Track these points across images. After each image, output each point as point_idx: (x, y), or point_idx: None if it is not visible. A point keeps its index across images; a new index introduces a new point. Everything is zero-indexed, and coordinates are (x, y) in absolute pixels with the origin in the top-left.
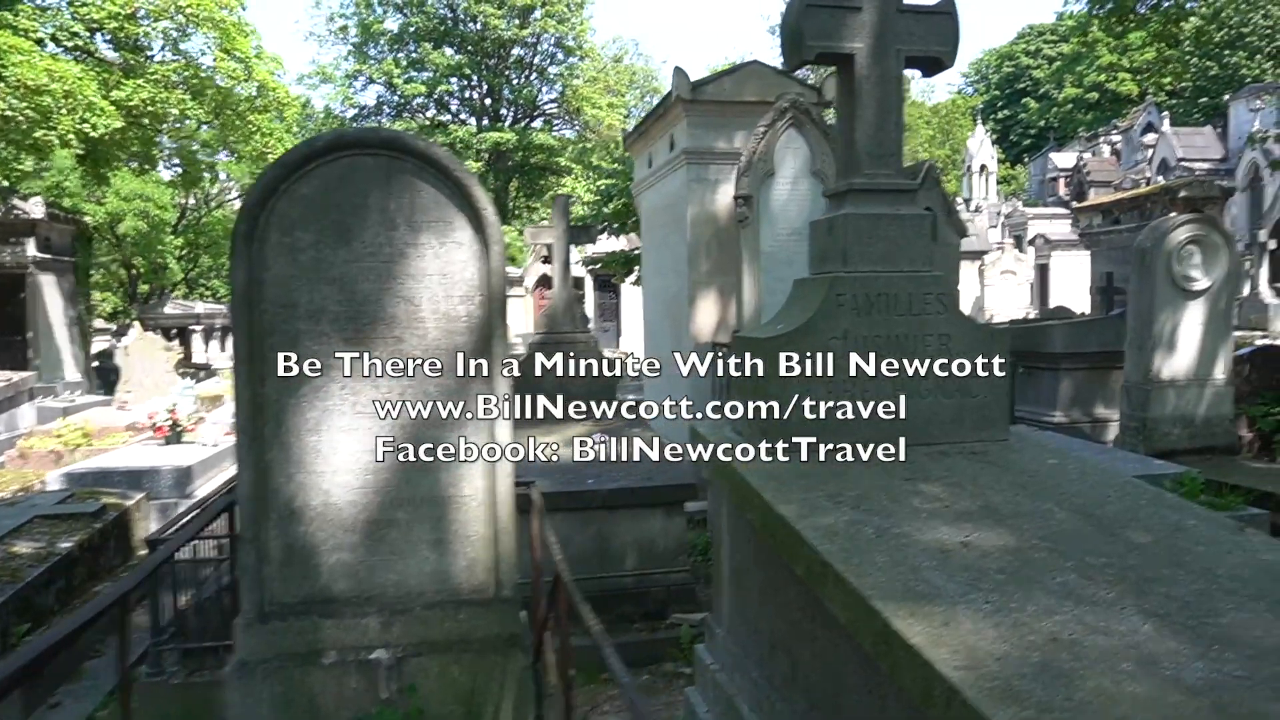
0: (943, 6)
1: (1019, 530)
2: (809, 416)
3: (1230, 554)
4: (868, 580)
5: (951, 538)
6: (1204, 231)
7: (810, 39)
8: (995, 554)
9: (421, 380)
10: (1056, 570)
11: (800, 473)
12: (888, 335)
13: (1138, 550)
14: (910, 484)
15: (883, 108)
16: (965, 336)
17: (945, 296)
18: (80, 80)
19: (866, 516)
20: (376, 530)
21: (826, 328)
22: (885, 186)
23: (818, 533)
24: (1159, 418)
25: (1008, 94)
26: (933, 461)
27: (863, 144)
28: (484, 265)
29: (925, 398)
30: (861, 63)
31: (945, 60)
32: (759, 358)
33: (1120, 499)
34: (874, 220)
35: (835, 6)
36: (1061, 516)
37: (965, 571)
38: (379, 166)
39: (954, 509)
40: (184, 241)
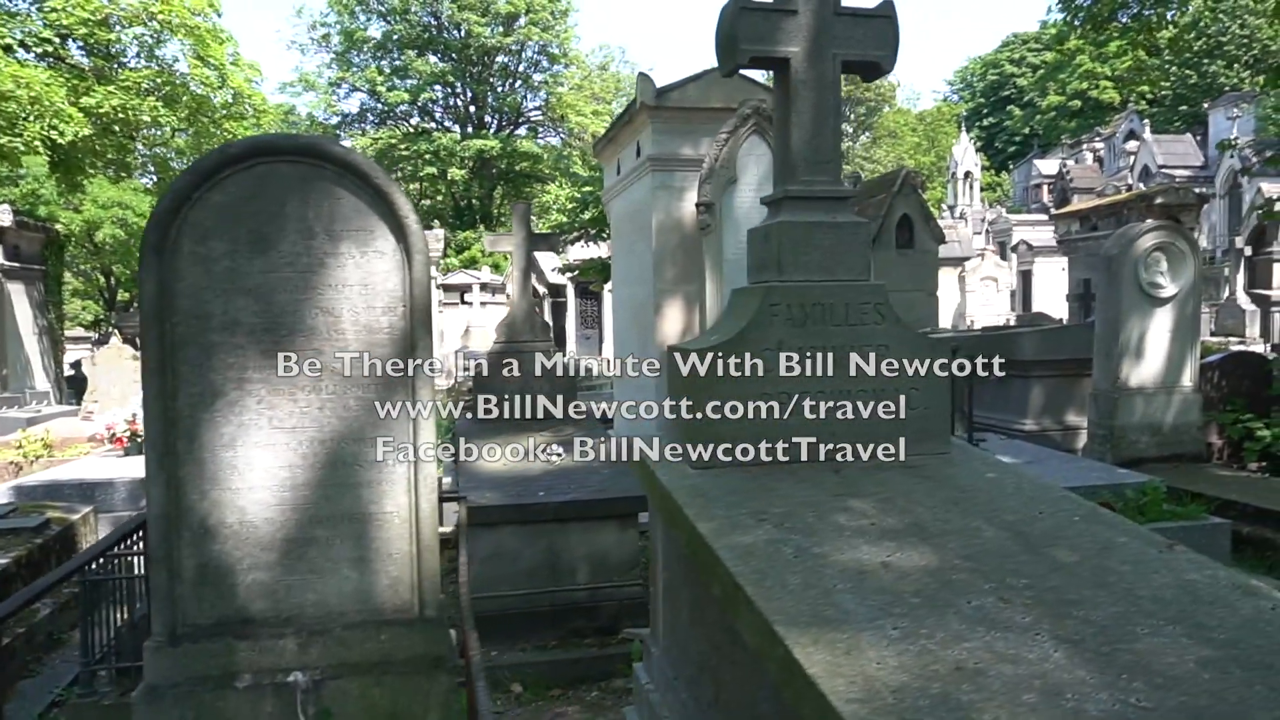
0: (882, 10)
1: (943, 549)
2: (741, 429)
3: (1156, 573)
4: (776, 604)
5: (872, 558)
6: (1170, 239)
7: (744, 42)
8: (914, 575)
9: (342, 394)
10: (975, 593)
11: (728, 488)
12: (824, 346)
13: (1062, 570)
14: (840, 500)
15: (819, 113)
16: (904, 347)
17: (883, 306)
18: (48, 87)
19: (788, 535)
20: (295, 548)
21: (759, 338)
22: (822, 194)
23: (734, 552)
24: (1127, 425)
25: (992, 101)
26: (865, 476)
27: (799, 150)
28: (406, 275)
29: (862, 410)
30: (797, 67)
31: (884, 65)
32: (692, 369)
33: (1052, 515)
34: (809, 228)
35: (770, 10)
36: (990, 534)
37: (880, 594)
38: (297, 174)
39: (880, 527)
40: None
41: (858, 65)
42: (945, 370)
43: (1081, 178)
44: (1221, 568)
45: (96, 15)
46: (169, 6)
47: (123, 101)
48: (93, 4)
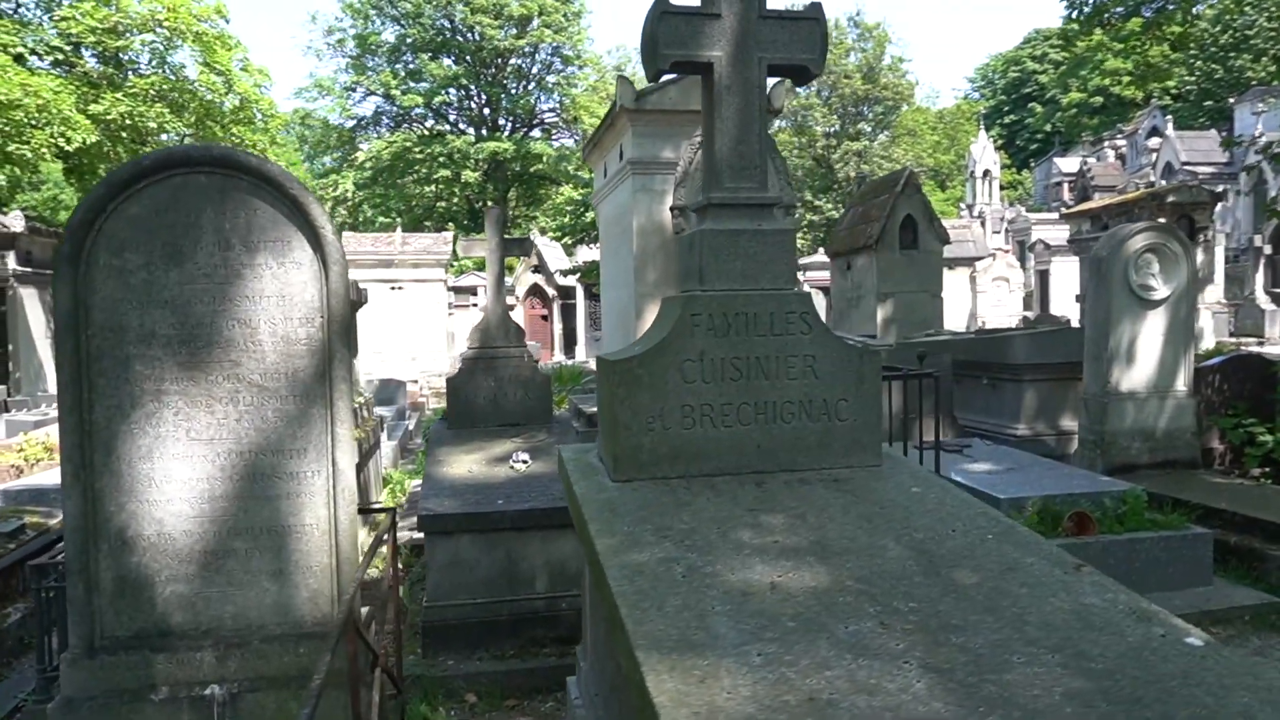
0: (809, 12)
1: (841, 569)
2: (662, 441)
3: (1054, 597)
4: (646, 628)
5: (763, 578)
6: (1162, 240)
7: (665, 47)
8: (800, 597)
9: (259, 405)
10: (857, 617)
11: (641, 502)
12: (748, 357)
13: (956, 593)
14: (752, 515)
15: (744, 118)
16: (833, 357)
17: (810, 315)
18: (57, 95)
19: (684, 553)
20: (214, 561)
21: (680, 349)
22: (746, 200)
23: (623, 571)
24: (1117, 431)
25: (1014, 99)
26: (787, 490)
27: (723, 156)
28: (323, 286)
29: (789, 422)
30: (721, 71)
31: (812, 68)
32: (617, 380)
33: (966, 533)
34: (733, 236)
35: (692, 13)
36: (894, 554)
37: (757, 618)
38: (213, 185)
39: (783, 544)
40: None
41: (784, 69)
42: (876, 380)
43: (1103, 176)
44: (1124, 591)
45: (104, 23)
46: (175, 14)
47: (130, 108)
48: (101, 12)
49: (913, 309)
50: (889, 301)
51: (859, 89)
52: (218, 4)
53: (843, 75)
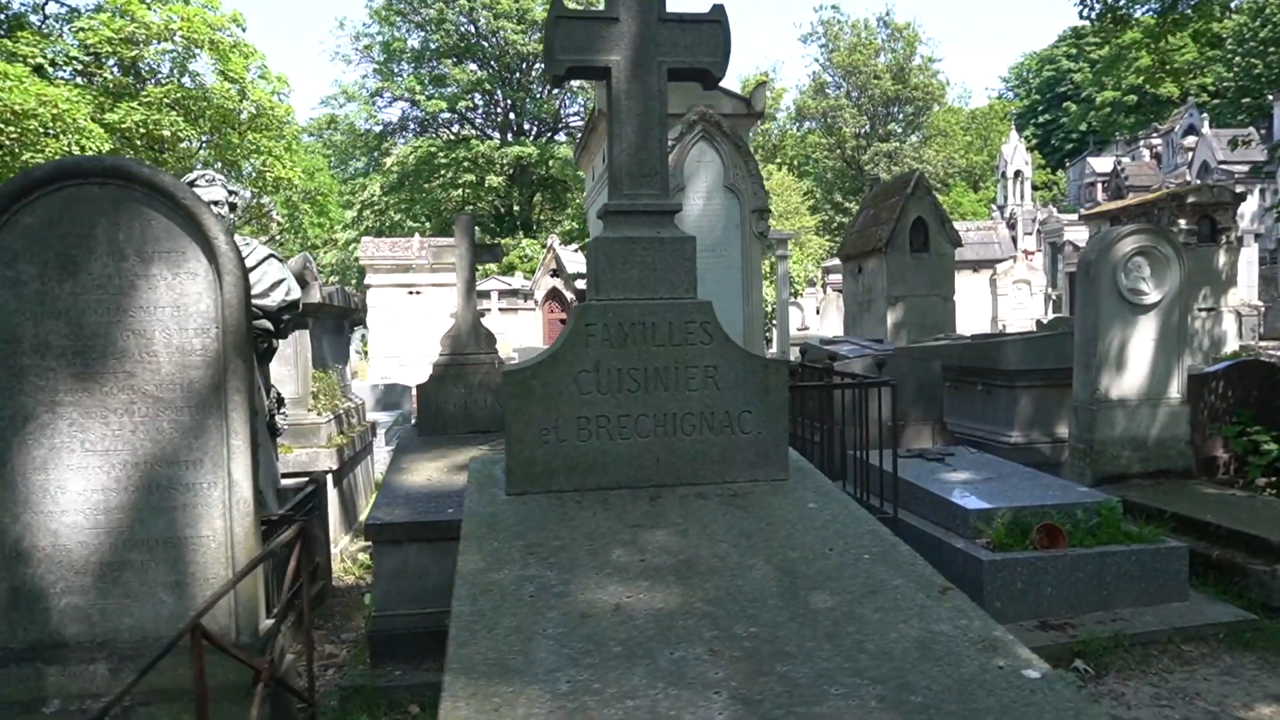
0: (711, 15)
1: (696, 590)
2: (557, 454)
3: (905, 623)
4: (468, 650)
5: (613, 599)
6: (1153, 243)
7: (561, 53)
8: (641, 619)
9: (155, 417)
10: (689, 642)
11: (525, 516)
12: (646, 367)
13: (804, 617)
14: (633, 531)
15: (644, 124)
16: (735, 368)
17: (710, 325)
18: (74, 104)
19: (544, 571)
20: (110, 572)
21: (575, 359)
22: (645, 208)
23: (472, 590)
24: (1107, 440)
25: (1049, 98)
26: (680, 505)
27: (622, 162)
28: (219, 296)
29: (690, 434)
30: (620, 76)
31: (715, 72)
32: (510, 391)
33: (844, 552)
34: (629, 244)
35: (590, 18)
36: (760, 574)
37: (585, 642)
38: (106, 196)
39: (650, 563)
40: None
41: (686, 73)
42: (783, 392)
43: (1137, 175)
44: (981, 619)
45: (120, 34)
46: (189, 24)
47: (145, 117)
48: (116, 23)
49: (924, 313)
50: (899, 305)
51: (889, 90)
52: (234, 13)
53: (872, 76)
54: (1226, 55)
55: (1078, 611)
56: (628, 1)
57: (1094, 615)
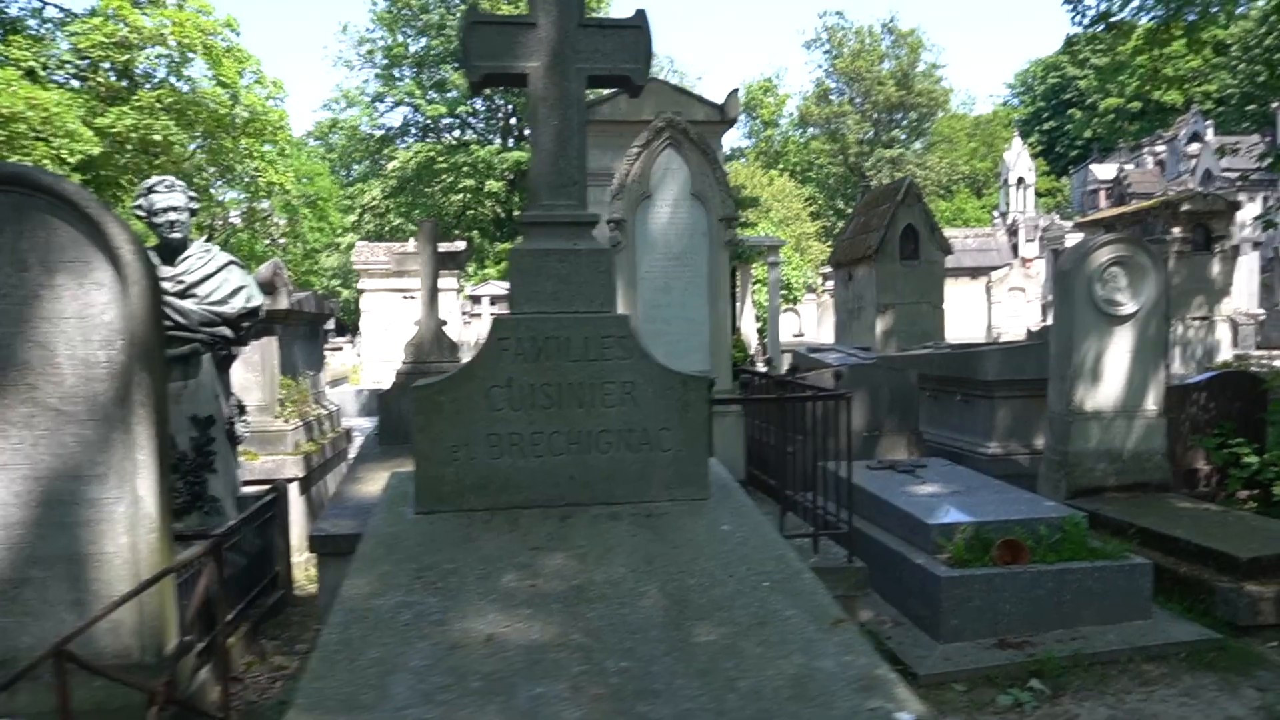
0: (632, 20)
1: (579, 619)
2: (467, 472)
3: (786, 658)
4: (321, 684)
5: (490, 628)
6: (1130, 253)
7: (476, 59)
8: (512, 651)
9: (57, 430)
10: (555, 677)
11: (426, 537)
12: (560, 383)
13: (682, 651)
14: (532, 555)
15: (562, 132)
16: (653, 384)
17: (628, 340)
18: (66, 108)
19: (427, 597)
20: (9, 589)
21: (487, 374)
22: (562, 219)
23: (346, 617)
24: (1082, 452)
25: (1053, 105)
26: (589, 526)
27: (540, 172)
28: (125, 308)
29: (606, 452)
30: (537, 83)
31: (635, 78)
32: (418, 408)
33: (744, 579)
34: (543, 256)
35: (507, 23)
36: (650, 602)
37: (446, 675)
38: (9, 203)
39: (540, 589)
40: None
41: (606, 79)
42: (704, 409)
43: (1140, 182)
44: (866, 655)
45: (112, 38)
46: (181, 29)
47: (136, 121)
48: (108, 27)
49: (913, 320)
50: (888, 313)
51: (892, 96)
52: (228, 17)
53: (875, 82)
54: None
55: (1038, 629)
56: (546, 6)
57: (1055, 633)
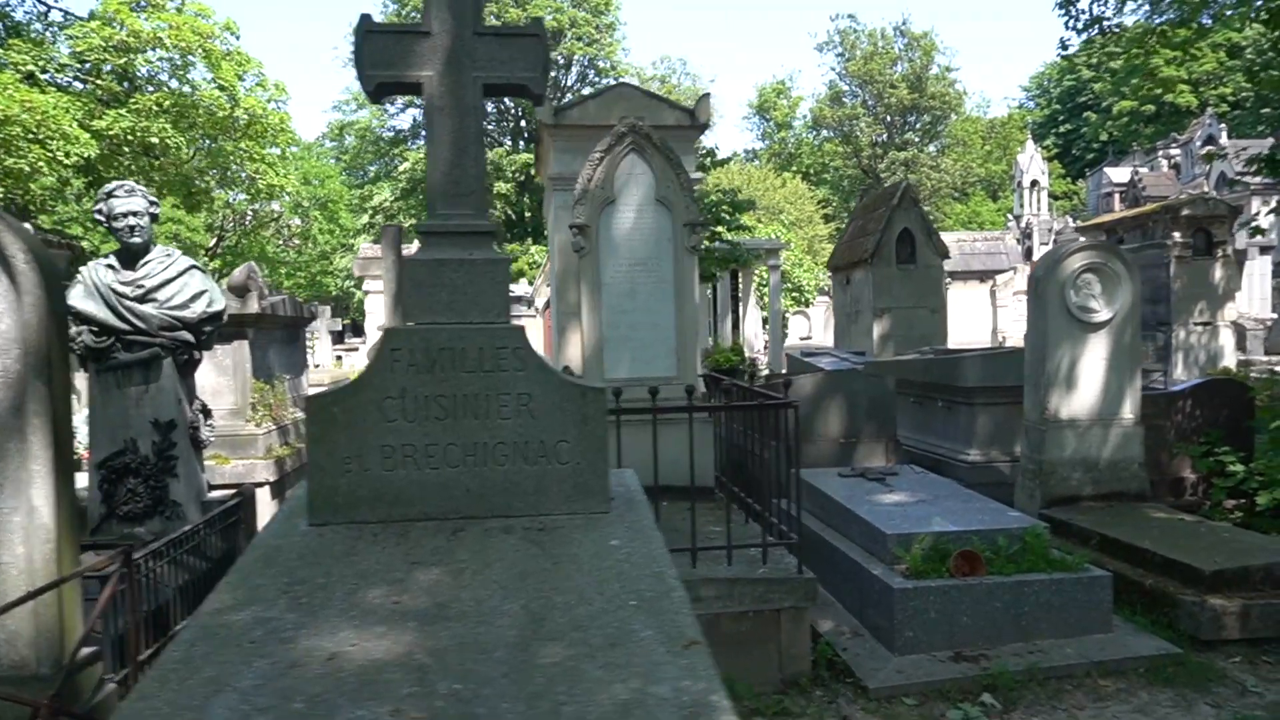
0: (529, 29)
1: (430, 638)
2: (360, 484)
3: (624, 682)
4: (143, 705)
5: (335, 646)
6: (1103, 259)
7: (371, 68)
8: (347, 672)
9: None
10: (381, 699)
11: (308, 550)
12: (455, 395)
13: (521, 674)
14: (409, 569)
15: (459, 141)
16: (551, 396)
17: (524, 351)
18: (64, 111)
19: (286, 614)
20: None
21: (380, 385)
22: (458, 228)
23: (197, 633)
24: (1057, 461)
25: (1069, 107)
26: (477, 541)
27: (436, 182)
28: (19, 317)
29: (503, 465)
30: (433, 92)
31: (532, 87)
32: (312, 418)
33: (613, 598)
34: (437, 266)
35: (401, 31)
36: (507, 621)
37: (271, 697)
38: None
39: (403, 606)
40: (220, 264)
41: (502, 88)
42: (602, 420)
43: (1155, 186)
44: (706, 680)
45: (110, 41)
46: (178, 32)
47: (133, 124)
48: (106, 30)
49: (910, 325)
50: (885, 317)
51: (905, 99)
52: (227, 20)
53: (888, 85)
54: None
55: (995, 642)
56: (441, 15)
57: (1012, 646)
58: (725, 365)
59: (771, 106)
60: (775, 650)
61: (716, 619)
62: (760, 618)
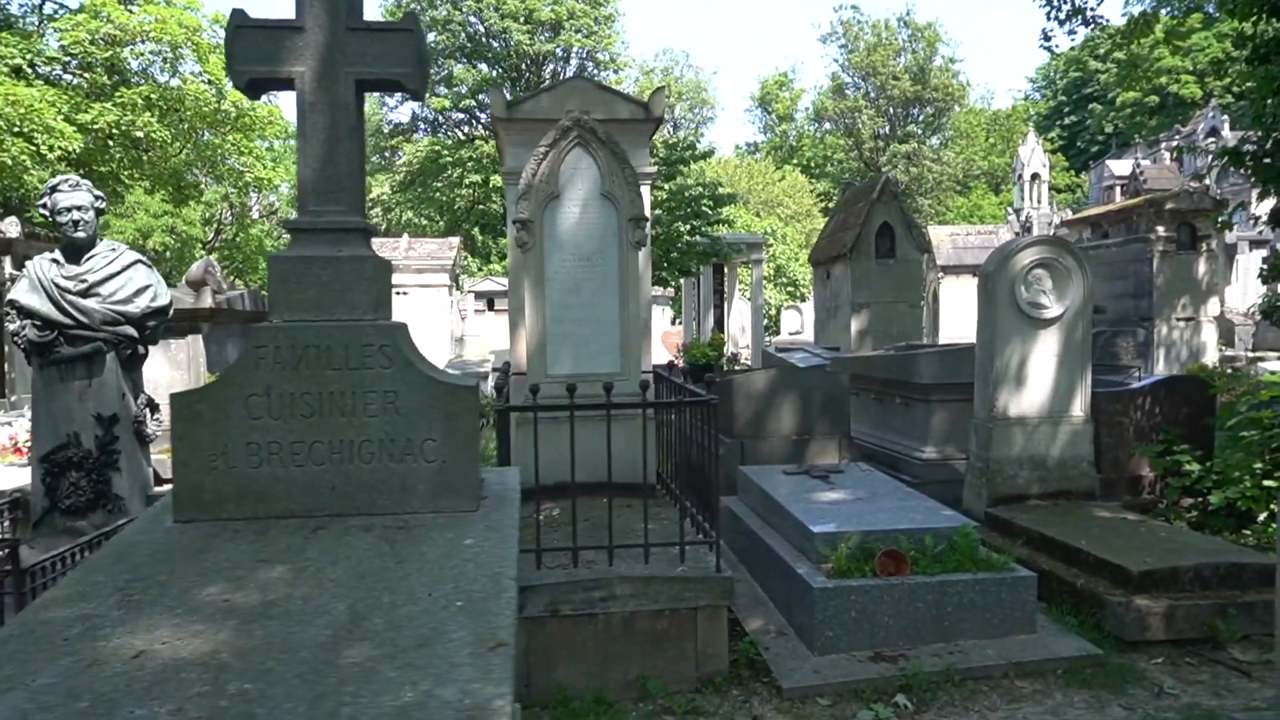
0: (403, 24)
1: (244, 636)
2: (226, 481)
3: (411, 686)
4: None
5: (145, 645)
6: (1054, 255)
7: (242, 63)
8: (147, 670)
9: None
10: (168, 698)
11: (164, 547)
12: (321, 392)
13: (317, 674)
14: (255, 567)
15: (331, 137)
16: (417, 394)
17: (391, 348)
18: (50, 105)
19: (112, 611)
20: None
21: (246, 382)
22: (329, 225)
23: (15, 628)
24: (1004, 459)
25: (1075, 99)
26: (334, 539)
27: (308, 178)
28: None
29: (369, 462)
30: (305, 88)
31: (406, 83)
32: (177, 415)
33: (440, 598)
34: (304, 263)
35: (273, 27)
36: (327, 620)
37: (59, 695)
38: None
39: (233, 603)
40: (218, 258)
41: (376, 84)
42: (471, 418)
43: (1156, 178)
44: (494, 684)
45: (95, 34)
46: (163, 25)
47: (118, 118)
48: (91, 24)
49: (889, 320)
50: (863, 312)
51: (908, 91)
52: (215, 14)
53: (890, 77)
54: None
55: (917, 643)
56: (315, 10)
57: (933, 647)
58: (702, 360)
59: (773, 99)
60: (692, 649)
61: (633, 617)
62: (677, 616)
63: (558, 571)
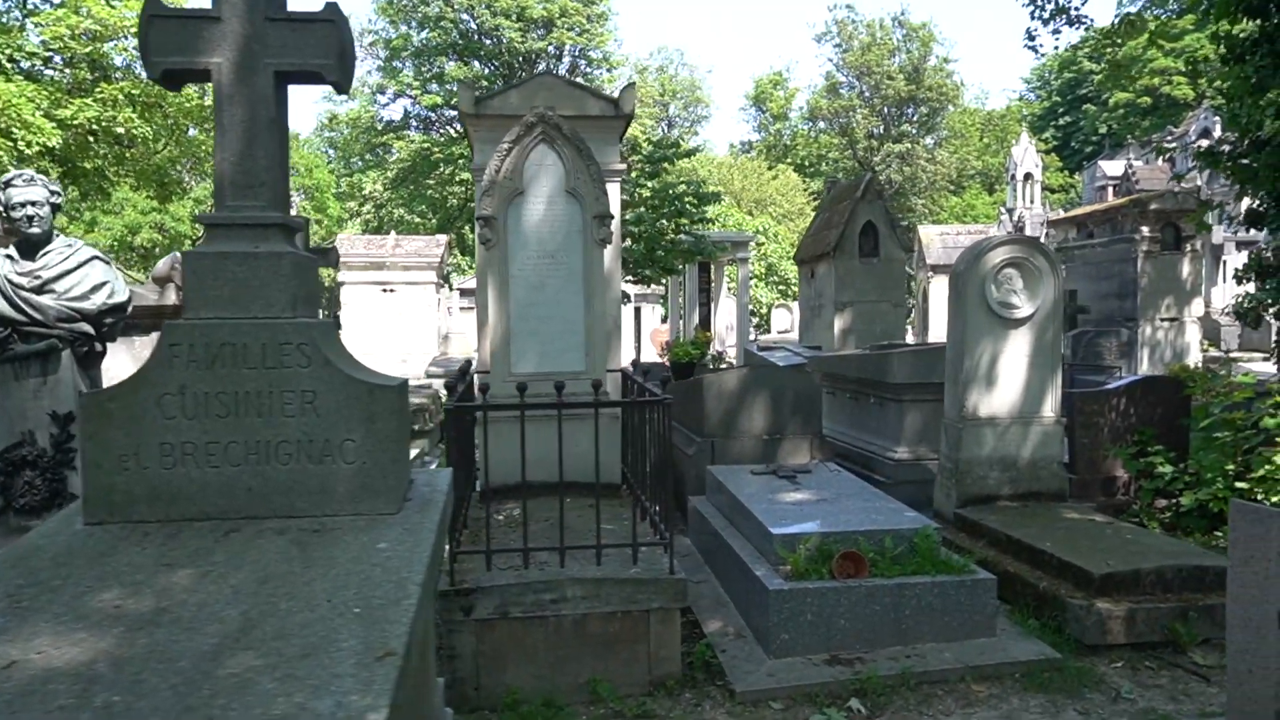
0: (324, 14)
1: (125, 645)
2: (137, 483)
3: (286, 698)
4: None
5: (21, 654)
6: (1025, 254)
7: (156, 54)
8: (11, 683)
9: None
10: (28, 711)
11: (66, 551)
12: (236, 392)
13: (190, 685)
14: (156, 571)
15: (250, 130)
16: (336, 394)
17: (309, 347)
18: (29, 101)
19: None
20: None
21: (159, 381)
22: (246, 220)
23: None
24: (974, 460)
25: (1069, 100)
26: (247, 542)
27: (225, 172)
28: None
29: (286, 464)
30: (223, 80)
31: (327, 75)
32: (87, 414)
33: (339, 604)
34: (220, 259)
35: (189, 16)
36: (217, 628)
37: None
38: None
39: (124, 610)
40: None
41: (297, 76)
42: (394, 419)
43: (1148, 178)
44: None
45: (76, 29)
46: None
47: (98, 113)
48: (71, 19)
49: (872, 319)
50: (847, 311)
51: (902, 90)
52: None
53: (885, 76)
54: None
55: (874, 646)
56: (233, 0)
57: (890, 650)
58: (685, 359)
59: (768, 98)
60: (645, 651)
61: (584, 619)
62: (630, 618)
63: (509, 573)
